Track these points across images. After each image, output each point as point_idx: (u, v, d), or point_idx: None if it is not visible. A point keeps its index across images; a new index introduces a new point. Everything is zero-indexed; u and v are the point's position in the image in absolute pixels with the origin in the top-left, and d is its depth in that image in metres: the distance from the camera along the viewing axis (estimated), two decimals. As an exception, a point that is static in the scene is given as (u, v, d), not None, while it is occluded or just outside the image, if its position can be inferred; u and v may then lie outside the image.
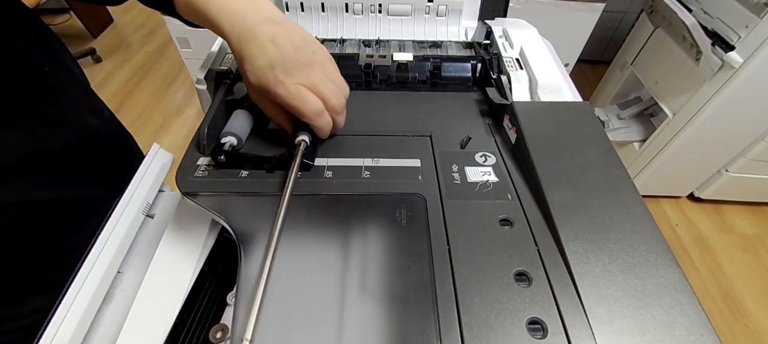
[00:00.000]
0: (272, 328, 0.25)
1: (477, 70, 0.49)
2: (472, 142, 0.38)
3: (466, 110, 0.43)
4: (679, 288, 0.26)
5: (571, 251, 0.28)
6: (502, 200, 0.33)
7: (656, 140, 1.26)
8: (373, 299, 0.27)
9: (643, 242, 0.28)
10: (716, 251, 1.37)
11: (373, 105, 0.44)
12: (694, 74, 1.09)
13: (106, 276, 0.36)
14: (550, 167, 0.33)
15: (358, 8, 0.54)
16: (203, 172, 0.34)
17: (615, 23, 1.88)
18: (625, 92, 1.46)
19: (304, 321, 0.26)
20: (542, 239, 0.30)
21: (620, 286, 0.26)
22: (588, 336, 0.24)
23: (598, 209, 0.30)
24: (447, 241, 0.29)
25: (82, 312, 0.33)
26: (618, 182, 0.32)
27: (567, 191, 0.31)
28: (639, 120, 1.40)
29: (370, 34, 0.54)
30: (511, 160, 0.37)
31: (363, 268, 0.28)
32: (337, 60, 0.47)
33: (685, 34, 1.04)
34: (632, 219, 0.30)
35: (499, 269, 0.27)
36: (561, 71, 0.45)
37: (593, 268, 0.27)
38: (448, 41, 0.54)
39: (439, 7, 0.54)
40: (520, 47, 0.47)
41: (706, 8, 1.08)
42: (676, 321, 0.25)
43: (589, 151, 0.35)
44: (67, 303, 0.33)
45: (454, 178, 0.34)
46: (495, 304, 0.26)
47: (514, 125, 0.37)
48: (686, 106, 1.13)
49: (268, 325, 0.25)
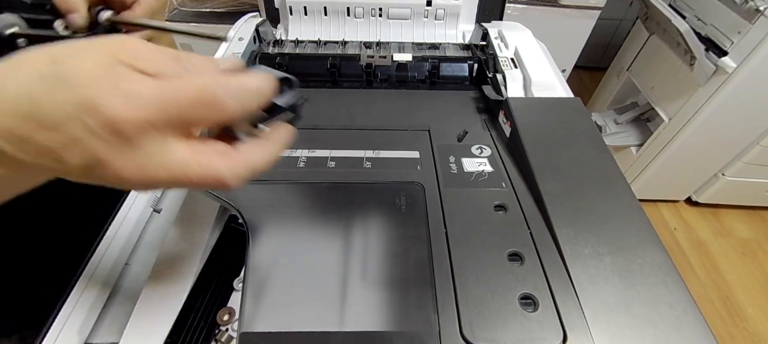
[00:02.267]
0: (278, 307, 0.27)
1: (473, 69, 0.51)
2: (469, 136, 0.40)
3: (463, 106, 0.45)
4: (664, 269, 0.28)
5: (562, 234, 0.29)
6: (497, 188, 0.34)
7: (653, 145, 1.28)
8: (374, 278, 0.28)
9: (630, 227, 0.30)
10: (715, 256, 1.38)
11: (373, 103, 0.46)
12: (688, 79, 1.11)
13: (114, 268, 0.38)
14: (543, 157, 0.35)
15: (360, 12, 0.56)
16: (212, 162, 0.36)
17: (611, 30, 1.91)
18: (622, 98, 1.49)
19: (309, 298, 0.27)
20: (535, 223, 0.31)
21: (608, 266, 0.28)
22: (576, 309, 0.25)
23: (588, 196, 0.32)
24: (444, 225, 0.31)
25: (90, 302, 0.34)
26: (607, 172, 0.34)
27: (558, 180, 0.33)
28: (636, 125, 1.42)
29: (371, 36, 0.57)
30: (506, 152, 0.38)
31: (365, 250, 0.30)
32: (339, 60, 0.49)
33: (679, 40, 1.07)
34: (620, 206, 0.31)
35: (494, 249, 0.29)
36: (554, 70, 0.47)
37: (582, 249, 0.28)
38: (446, 43, 0.56)
39: (438, 10, 0.57)
40: (514, 48, 0.49)
41: (699, 15, 1.10)
42: (661, 298, 0.26)
43: (579, 143, 0.36)
44: (76, 293, 0.34)
45: (451, 168, 0.36)
46: (489, 281, 0.27)
47: (508, 120, 0.39)
48: (682, 110, 1.15)
49: (274, 304, 0.27)
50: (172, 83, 0.16)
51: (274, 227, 0.31)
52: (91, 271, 0.36)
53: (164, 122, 0.16)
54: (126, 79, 0.16)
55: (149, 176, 0.17)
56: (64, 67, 0.15)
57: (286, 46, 0.53)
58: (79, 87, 0.15)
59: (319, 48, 0.53)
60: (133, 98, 0.15)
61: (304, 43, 0.54)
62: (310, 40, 0.55)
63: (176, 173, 0.17)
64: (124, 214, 0.41)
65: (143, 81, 0.16)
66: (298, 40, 0.54)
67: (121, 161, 0.16)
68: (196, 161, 0.17)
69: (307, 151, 0.37)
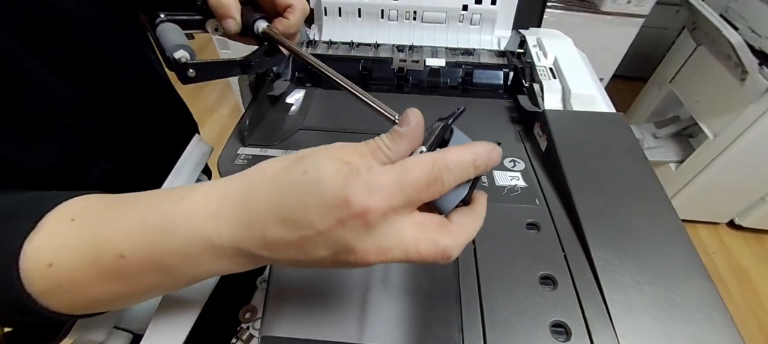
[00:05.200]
0: (300, 313, 0.27)
1: (508, 78, 0.49)
2: (502, 147, 0.39)
3: (496, 116, 0.44)
4: (711, 304, 0.26)
5: (599, 259, 0.28)
6: (530, 204, 0.33)
7: (695, 162, 1.21)
8: (397, 289, 0.27)
9: (674, 254, 0.28)
10: (757, 284, 1.29)
11: (404, 107, 0.45)
12: (738, 94, 1.04)
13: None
14: (580, 174, 0.33)
15: (393, 14, 0.56)
16: (242, 161, 0.36)
17: (654, 39, 1.82)
18: (662, 111, 1.41)
19: (330, 306, 0.27)
20: (569, 245, 0.30)
21: (648, 297, 0.26)
22: (612, 342, 0.24)
23: (628, 218, 0.30)
24: (473, 240, 0.30)
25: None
26: (650, 193, 0.32)
27: (596, 199, 0.31)
28: (676, 140, 1.34)
29: (404, 40, 0.56)
30: (541, 167, 0.37)
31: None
32: (371, 62, 0.49)
33: (729, 52, 1.00)
34: (664, 231, 0.29)
35: (524, 270, 0.28)
36: (595, 82, 0.44)
37: (621, 277, 0.27)
38: (481, 49, 0.55)
39: (473, 16, 0.55)
40: (554, 57, 0.47)
41: (753, 26, 1.03)
42: (706, 337, 0.24)
43: (621, 161, 0.34)
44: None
45: (482, 180, 0.35)
46: (518, 304, 0.26)
47: (544, 133, 0.37)
48: (729, 127, 1.08)
49: (296, 309, 0.27)
50: (405, 170, 0.18)
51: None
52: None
53: (402, 205, 0.18)
54: (366, 173, 0.18)
55: (387, 256, 0.19)
56: (314, 172, 0.18)
57: (319, 47, 0.53)
58: (329, 187, 0.18)
59: (352, 49, 0.53)
60: (377, 188, 0.18)
61: (337, 44, 0.54)
62: (343, 41, 0.54)
63: (410, 251, 0.19)
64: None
65: (383, 172, 0.18)
66: (332, 42, 0.54)
67: (367, 245, 0.18)
68: (425, 237, 0.19)
69: (335, 154, 0.37)
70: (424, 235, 0.19)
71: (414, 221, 0.19)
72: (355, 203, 0.17)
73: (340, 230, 0.18)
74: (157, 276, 0.21)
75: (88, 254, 0.20)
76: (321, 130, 0.41)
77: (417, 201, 0.19)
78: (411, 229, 0.19)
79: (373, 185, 0.18)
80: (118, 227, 0.20)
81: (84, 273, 0.20)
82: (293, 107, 0.44)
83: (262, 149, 0.37)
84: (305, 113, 0.43)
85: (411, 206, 0.19)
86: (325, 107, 0.45)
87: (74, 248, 0.20)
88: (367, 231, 0.18)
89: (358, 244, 0.18)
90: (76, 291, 0.20)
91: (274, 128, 0.40)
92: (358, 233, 0.18)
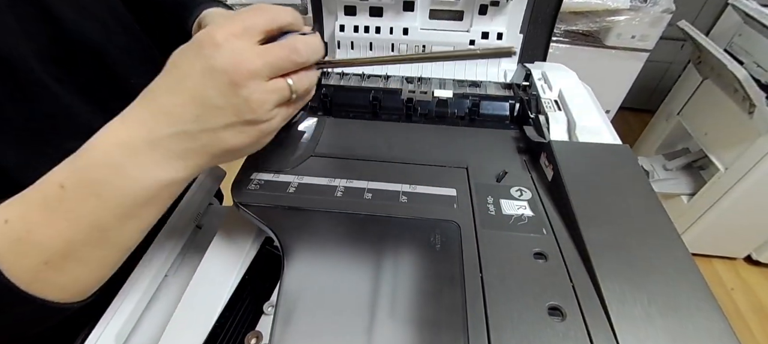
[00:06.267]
0: (307, 338, 0.27)
1: (515, 109, 0.50)
2: (508, 176, 0.39)
3: (503, 146, 0.45)
4: (724, 338, 0.25)
5: (608, 290, 0.28)
6: (537, 234, 0.33)
7: (707, 195, 1.19)
8: (403, 316, 0.27)
9: (684, 285, 0.27)
10: (779, 323, 1.24)
11: (412, 137, 0.46)
12: (747, 127, 1.04)
13: (155, 278, 0.40)
14: (587, 205, 0.33)
15: (404, 49, 0.58)
16: (255, 186, 0.37)
17: (660, 73, 1.84)
18: (672, 142, 1.41)
19: (337, 331, 0.27)
20: (577, 276, 0.29)
21: (659, 329, 0.25)
22: (624, 376, 0.23)
23: (636, 249, 0.30)
24: (480, 268, 0.30)
25: (129, 311, 0.36)
26: (658, 225, 0.32)
27: (604, 229, 0.31)
28: (687, 172, 1.33)
29: (413, 72, 0.58)
30: (547, 197, 0.37)
31: (396, 286, 0.29)
32: (381, 93, 0.51)
33: (736, 86, 1.01)
34: (673, 262, 0.29)
35: (532, 300, 0.28)
36: (600, 114, 0.45)
37: (631, 309, 0.26)
38: (488, 81, 0.56)
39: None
40: (558, 90, 0.49)
41: (758, 61, 1.04)
42: (721, 372, 0.24)
43: (628, 192, 0.34)
44: (118, 299, 0.36)
45: (489, 209, 0.35)
46: (527, 335, 0.26)
47: (550, 163, 0.38)
48: (740, 160, 1.07)
49: (303, 334, 0.27)
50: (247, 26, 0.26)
51: (308, 254, 0.32)
52: (135, 279, 0.38)
53: (239, 35, 0.25)
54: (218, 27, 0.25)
55: (244, 63, 0.25)
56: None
57: (332, 78, 0.55)
58: (192, 40, 0.26)
59: (363, 81, 0.55)
60: (223, 27, 0.25)
61: (349, 75, 0.56)
62: (355, 73, 0.56)
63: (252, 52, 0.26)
64: (170, 227, 0.44)
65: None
66: (344, 73, 0.56)
67: (224, 58, 0.25)
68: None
69: (345, 181, 0.38)
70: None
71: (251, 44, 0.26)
72: (204, 37, 0.25)
73: (201, 59, 0.24)
74: (95, 200, 0.24)
75: (33, 196, 0.24)
76: (332, 157, 0.42)
77: (254, 35, 0.26)
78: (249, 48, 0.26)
79: (222, 28, 0.25)
80: (56, 169, 0.25)
81: (34, 216, 0.23)
82: (305, 134, 0.46)
83: (275, 174, 0.39)
84: (317, 140, 0.44)
85: (251, 39, 0.26)
86: (336, 135, 0.46)
87: (22, 196, 0.24)
88: (217, 49, 0.24)
89: (216, 61, 0.24)
90: (33, 243, 0.23)
91: (286, 155, 0.42)
92: (212, 52, 0.24)
